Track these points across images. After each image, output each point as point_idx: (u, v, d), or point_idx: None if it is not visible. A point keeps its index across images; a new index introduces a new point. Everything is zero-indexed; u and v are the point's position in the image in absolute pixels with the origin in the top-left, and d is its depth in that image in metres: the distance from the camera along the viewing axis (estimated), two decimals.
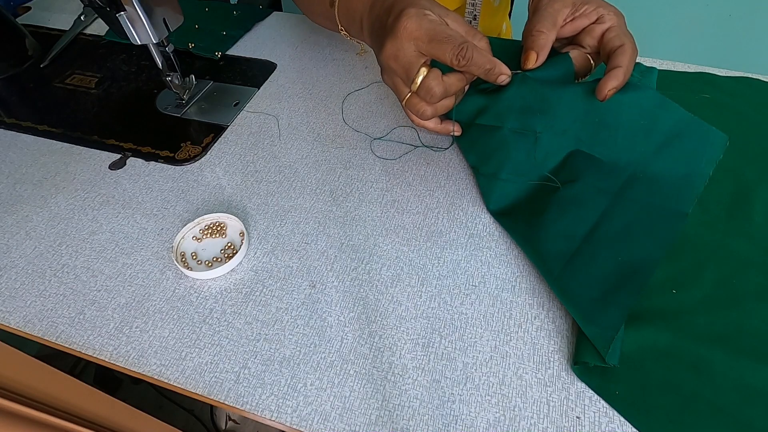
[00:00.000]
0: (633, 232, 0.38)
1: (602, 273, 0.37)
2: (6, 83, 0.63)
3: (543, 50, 0.41)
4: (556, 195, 0.41)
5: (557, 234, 0.39)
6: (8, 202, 0.47)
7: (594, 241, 0.38)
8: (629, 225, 0.39)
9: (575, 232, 0.39)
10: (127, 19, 0.47)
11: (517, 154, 0.43)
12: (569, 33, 0.43)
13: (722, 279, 0.38)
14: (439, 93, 0.39)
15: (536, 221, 0.40)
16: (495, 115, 0.44)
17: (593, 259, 0.37)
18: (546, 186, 0.42)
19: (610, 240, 0.38)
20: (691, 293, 0.38)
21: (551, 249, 0.39)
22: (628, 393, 0.33)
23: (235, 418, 0.90)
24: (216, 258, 0.42)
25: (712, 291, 0.38)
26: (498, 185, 0.44)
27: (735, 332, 0.35)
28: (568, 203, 0.40)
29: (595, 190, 0.41)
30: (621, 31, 0.41)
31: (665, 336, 0.35)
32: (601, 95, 0.39)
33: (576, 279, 0.37)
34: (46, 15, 0.75)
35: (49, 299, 0.40)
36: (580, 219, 0.39)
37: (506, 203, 0.44)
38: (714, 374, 0.33)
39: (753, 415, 0.31)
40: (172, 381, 0.35)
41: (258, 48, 0.66)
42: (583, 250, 0.38)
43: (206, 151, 0.52)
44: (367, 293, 0.39)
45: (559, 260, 0.38)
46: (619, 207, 0.40)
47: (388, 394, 0.34)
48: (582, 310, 0.35)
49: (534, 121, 0.43)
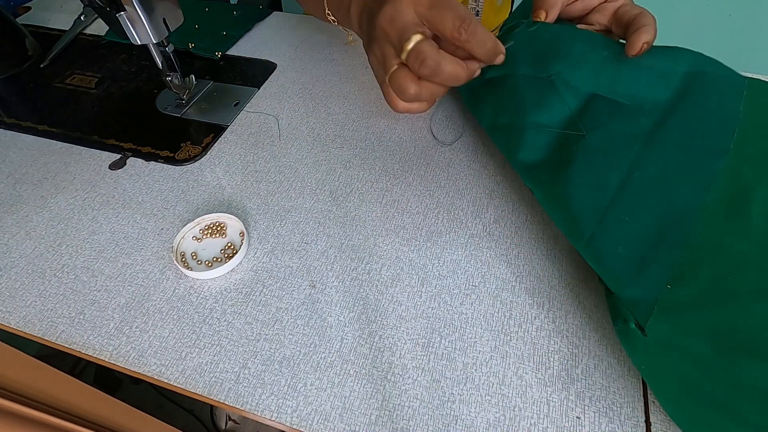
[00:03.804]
0: (670, 176, 0.35)
1: (641, 227, 0.34)
2: (6, 83, 0.63)
3: (553, 8, 0.40)
4: (581, 144, 0.38)
5: (587, 186, 0.36)
6: (8, 202, 0.47)
7: (629, 191, 0.35)
8: (665, 169, 0.35)
9: (608, 181, 0.36)
10: (127, 19, 0.47)
11: (533, 99, 0.40)
12: (579, 12, 0.42)
13: (718, 276, 0.38)
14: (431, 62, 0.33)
15: (563, 174, 0.37)
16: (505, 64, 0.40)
17: (630, 212, 0.34)
18: (569, 136, 0.39)
19: (647, 187, 0.35)
20: (686, 289, 0.37)
21: (583, 204, 0.35)
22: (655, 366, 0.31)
23: (235, 418, 0.90)
24: (216, 258, 0.42)
25: (708, 288, 0.37)
26: (516, 137, 0.41)
27: (729, 329, 0.35)
28: (595, 152, 0.37)
29: (623, 136, 0.37)
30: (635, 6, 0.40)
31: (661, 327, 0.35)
32: (634, 49, 0.37)
33: (612, 237, 0.34)
34: (46, 15, 0.75)
35: (49, 299, 0.40)
36: (611, 166, 0.36)
37: (528, 156, 0.40)
38: (709, 368, 0.33)
39: (748, 410, 0.31)
40: (172, 381, 0.35)
41: (258, 48, 0.66)
42: (618, 201, 0.35)
43: (206, 151, 0.52)
44: (367, 293, 0.39)
45: (592, 217, 0.35)
46: (653, 151, 0.37)
47: (388, 394, 0.34)
48: (619, 273, 0.32)
49: (547, 65, 0.40)
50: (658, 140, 0.37)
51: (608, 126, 0.38)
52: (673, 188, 0.35)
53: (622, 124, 0.38)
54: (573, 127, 0.39)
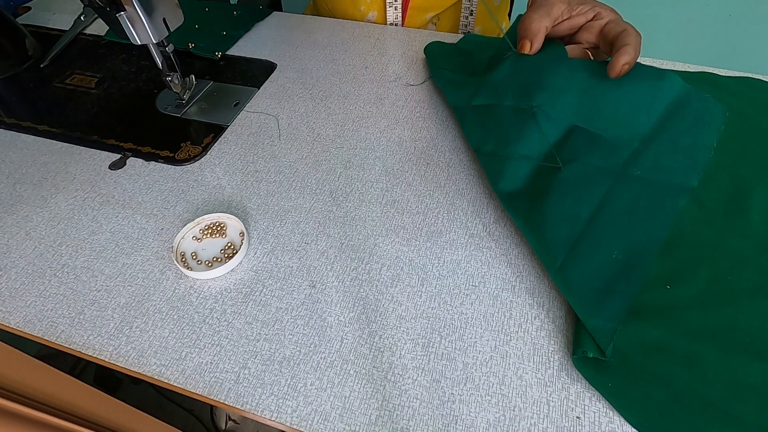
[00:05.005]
0: (637, 212, 0.37)
1: (605, 261, 0.36)
2: (6, 83, 0.63)
3: (536, 38, 0.42)
4: (557, 176, 0.40)
5: (560, 218, 0.38)
6: (8, 202, 0.47)
7: (598, 225, 0.37)
8: (633, 205, 0.38)
9: (579, 215, 0.38)
10: (127, 19, 0.47)
11: (515, 131, 0.43)
12: (566, 31, 0.44)
13: (717, 276, 0.38)
14: None
15: (538, 205, 0.39)
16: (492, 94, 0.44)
17: (597, 246, 0.37)
18: (547, 168, 0.41)
19: (614, 222, 0.37)
20: (685, 289, 0.38)
21: (554, 235, 0.38)
22: (621, 386, 0.33)
23: (235, 418, 0.90)
24: (216, 258, 0.42)
25: (707, 287, 0.38)
26: (500, 165, 0.43)
27: (728, 328, 0.35)
28: (570, 185, 0.39)
29: (596, 171, 0.40)
30: (620, 23, 0.41)
31: (658, 331, 0.35)
32: (615, 72, 0.39)
33: (579, 268, 0.36)
34: (46, 15, 0.75)
35: (49, 299, 0.40)
36: (582, 200, 0.39)
37: (509, 185, 0.43)
38: (706, 369, 0.33)
39: (743, 410, 0.32)
40: (172, 381, 0.35)
41: (258, 48, 0.66)
42: (587, 235, 0.37)
43: (206, 151, 0.52)
44: (367, 293, 0.39)
45: (562, 248, 0.37)
46: (622, 186, 0.39)
47: (388, 394, 0.34)
48: (584, 302, 0.35)
49: (531, 97, 0.42)
50: (629, 176, 0.39)
51: (584, 159, 0.40)
52: (638, 225, 0.37)
53: (597, 157, 0.40)
54: (551, 160, 0.41)
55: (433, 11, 0.69)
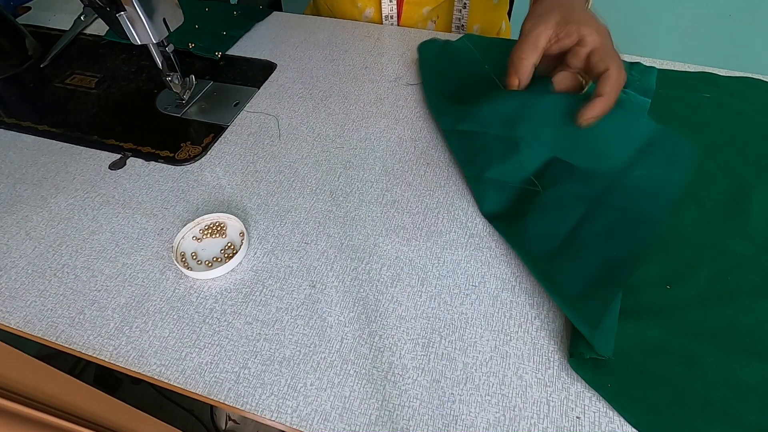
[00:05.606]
0: (613, 234, 0.40)
1: (584, 270, 0.37)
2: (6, 83, 0.63)
3: (524, 76, 0.44)
4: (537, 199, 0.42)
5: (540, 235, 0.40)
6: (8, 202, 0.47)
7: (576, 241, 0.39)
8: (609, 227, 0.40)
9: (556, 233, 0.40)
10: (127, 19, 0.47)
11: (498, 158, 0.45)
12: (556, 51, 0.44)
13: (717, 276, 0.38)
14: None
15: (521, 224, 0.41)
16: (479, 122, 0.47)
17: (576, 257, 0.38)
18: (528, 190, 0.44)
19: (592, 239, 0.39)
20: (686, 289, 0.38)
21: (536, 249, 0.40)
22: (620, 386, 0.33)
23: (235, 418, 0.90)
24: (216, 258, 0.42)
25: (707, 287, 0.38)
26: (484, 189, 0.45)
27: (728, 329, 0.35)
28: (548, 206, 0.42)
29: (573, 195, 0.42)
30: (605, 53, 0.40)
31: (658, 331, 0.35)
32: (579, 121, 0.40)
33: (561, 276, 0.38)
34: (46, 15, 0.75)
35: (49, 299, 0.40)
36: (560, 220, 0.41)
37: (494, 206, 0.45)
38: (705, 369, 0.33)
39: (743, 410, 0.32)
40: (172, 381, 0.35)
41: (258, 48, 0.66)
42: (566, 248, 0.39)
43: (206, 151, 0.52)
44: (367, 293, 0.39)
45: (544, 259, 0.39)
46: (598, 211, 0.41)
47: (388, 394, 0.34)
48: (569, 305, 0.36)
49: (515, 128, 0.45)
50: (605, 203, 0.41)
51: (562, 185, 0.43)
52: (615, 243, 0.39)
53: (574, 184, 0.43)
54: (531, 184, 0.44)
55: (429, 5, 0.69)
